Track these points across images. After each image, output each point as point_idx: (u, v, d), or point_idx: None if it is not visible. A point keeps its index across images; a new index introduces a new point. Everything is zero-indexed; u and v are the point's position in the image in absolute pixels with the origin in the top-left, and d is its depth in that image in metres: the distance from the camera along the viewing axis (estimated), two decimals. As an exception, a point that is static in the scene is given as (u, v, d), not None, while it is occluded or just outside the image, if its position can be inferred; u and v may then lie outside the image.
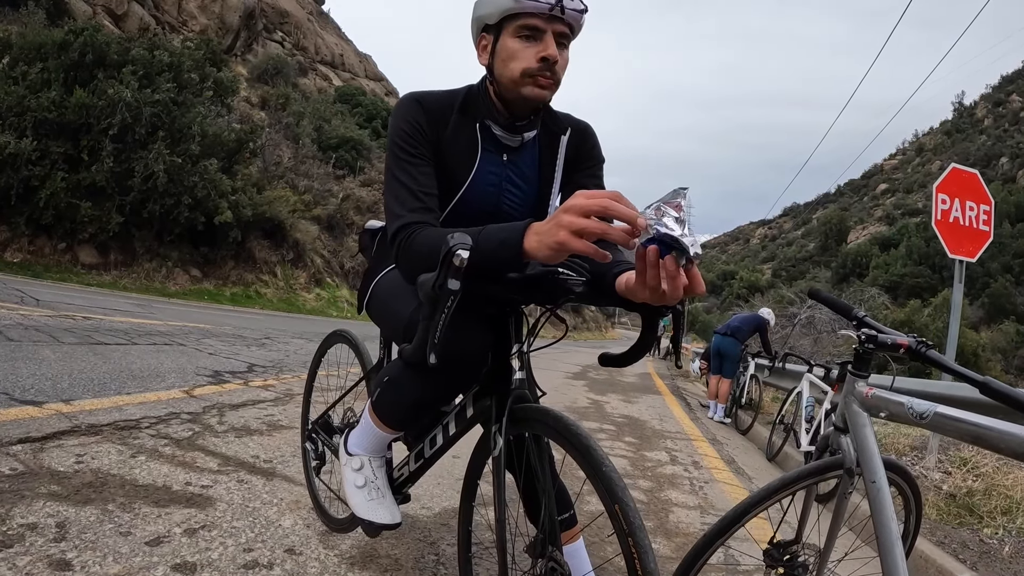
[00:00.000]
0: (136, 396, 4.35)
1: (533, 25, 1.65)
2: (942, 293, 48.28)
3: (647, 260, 1.23)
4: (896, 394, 1.97)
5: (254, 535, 2.53)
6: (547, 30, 1.66)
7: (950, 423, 1.81)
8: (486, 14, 1.71)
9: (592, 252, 1.28)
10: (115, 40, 16.58)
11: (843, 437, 2.08)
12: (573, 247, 1.27)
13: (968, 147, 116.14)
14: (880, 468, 1.88)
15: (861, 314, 2.14)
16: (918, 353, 1.97)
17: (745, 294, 54.16)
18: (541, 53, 1.66)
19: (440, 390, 1.84)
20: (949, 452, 5.62)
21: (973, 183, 6.25)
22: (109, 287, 14.72)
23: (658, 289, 1.25)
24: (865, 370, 2.09)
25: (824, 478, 2.09)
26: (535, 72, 1.67)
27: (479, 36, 1.79)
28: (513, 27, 1.67)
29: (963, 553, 3.96)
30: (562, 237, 1.27)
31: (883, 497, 1.83)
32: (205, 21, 34.69)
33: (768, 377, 10.57)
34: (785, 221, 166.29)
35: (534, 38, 1.67)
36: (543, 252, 1.33)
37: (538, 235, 1.34)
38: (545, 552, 1.66)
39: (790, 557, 2.21)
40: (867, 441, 1.95)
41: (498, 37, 1.71)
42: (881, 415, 1.99)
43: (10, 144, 13.22)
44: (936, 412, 1.82)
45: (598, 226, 1.24)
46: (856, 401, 2.05)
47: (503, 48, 1.70)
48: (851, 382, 2.10)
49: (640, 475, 5.01)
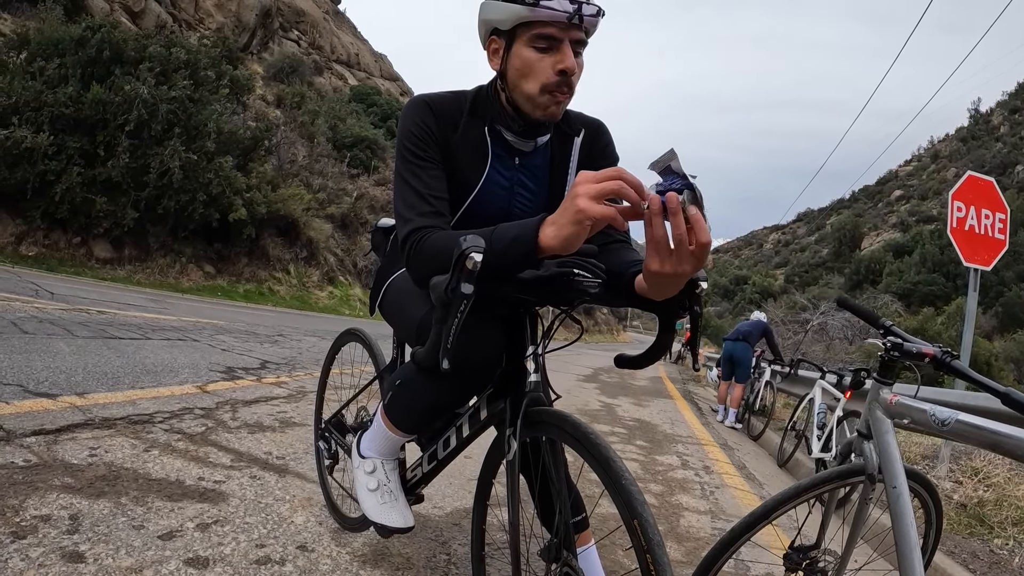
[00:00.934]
0: (149, 391, 4.37)
1: (549, 34, 1.59)
2: (956, 301, 47.95)
3: (669, 207, 1.19)
4: (919, 401, 1.97)
5: (267, 531, 2.53)
6: (564, 39, 1.60)
7: (971, 431, 1.81)
8: (497, 19, 1.64)
9: (613, 218, 1.25)
10: (132, 37, 16.67)
11: (866, 443, 2.08)
12: (595, 213, 1.24)
13: (984, 154, 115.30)
14: (901, 474, 1.88)
15: (888, 323, 2.13)
16: (942, 363, 1.96)
17: (757, 299, 54.05)
18: (560, 65, 1.61)
19: (453, 394, 1.82)
20: (960, 462, 5.59)
21: (989, 191, 6.21)
22: (123, 282, 14.78)
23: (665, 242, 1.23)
24: (890, 377, 2.10)
25: (846, 483, 2.09)
26: (553, 87, 1.64)
27: (488, 39, 1.73)
28: (528, 36, 1.61)
29: (973, 563, 3.94)
30: (583, 206, 1.24)
31: (903, 503, 1.83)
32: (222, 19, 34.82)
33: (780, 383, 10.54)
34: (799, 226, 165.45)
35: (551, 48, 1.61)
36: (562, 235, 1.30)
37: (554, 223, 1.32)
38: (560, 557, 1.65)
39: (810, 562, 2.21)
40: (889, 447, 1.95)
41: (511, 44, 1.66)
42: (904, 422, 1.99)
43: (27, 139, 13.28)
44: (958, 420, 1.82)
45: (613, 184, 1.23)
46: (880, 408, 2.05)
47: (517, 58, 1.65)
48: (875, 388, 2.10)
49: (651, 479, 5.00)
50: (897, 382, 2.14)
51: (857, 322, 23.70)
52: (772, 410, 9.93)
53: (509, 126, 1.78)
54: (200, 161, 15.91)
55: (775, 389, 10.23)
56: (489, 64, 1.75)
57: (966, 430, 1.82)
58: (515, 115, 1.76)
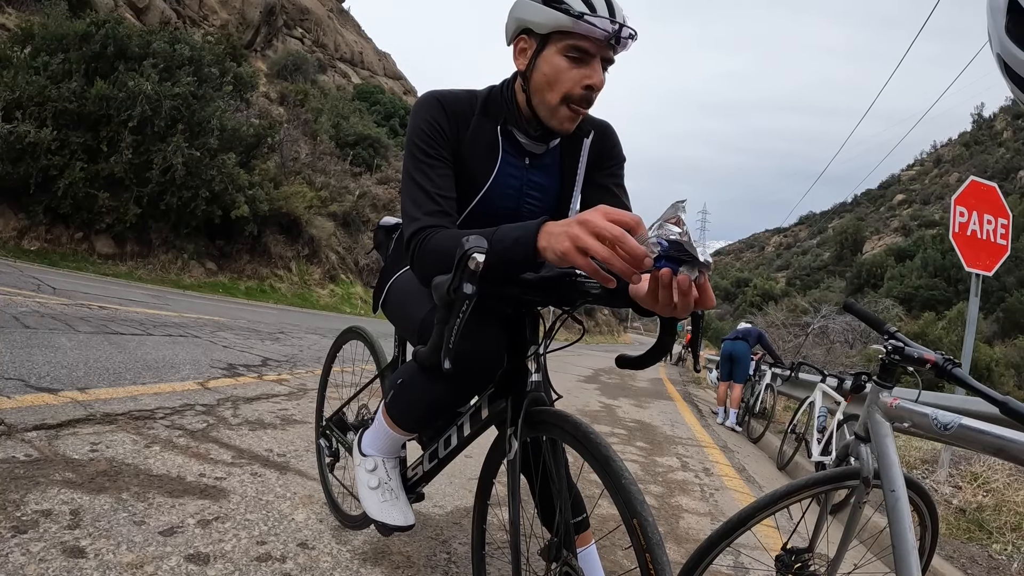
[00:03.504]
0: (151, 386, 4.37)
1: (584, 48, 1.60)
2: (957, 306, 47.92)
3: (660, 282, 1.20)
4: (921, 405, 1.96)
5: (267, 528, 2.54)
6: (597, 55, 1.61)
7: (974, 435, 1.80)
8: (533, 21, 1.63)
9: (591, 271, 1.25)
10: (136, 33, 16.67)
11: (863, 446, 2.08)
12: (575, 262, 1.24)
13: (986, 159, 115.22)
14: (900, 477, 1.88)
15: (893, 329, 2.14)
16: (943, 370, 1.97)
17: (759, 302, 53.97)
18: (587, 80, 1.62)
19: (455, 393, 1.82)
20: (960, 466, 5.59)
21: (991, 196, 6.21)
22: (125, 277, 14.79)
23: (670, 306, 1.23)
24: (890, 381, 2.09)
25: (840, 486, 2.08)
26: (576, 99, 1.64)
27: (517, 37, 1.72)
28: (563, 44, 1.61)
29: (972, 568, 3.94)
30: (566, 248, 1.25)
31: (901, 507, 1.83)
32: (226, 16, 34.84)
33: (781, 386, 10.55)
34: (801, 229, 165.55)
35: (582, 61, 1.61)
36: (550, 254, 1.31)
37: (549, 236, 1.32)
38: (560, 556, 1.65)
39: (801, 565, 2.21)
40: (888, 451, 1.95)
41: (542, 48, 1.65)
42: (905, 425, 1.99)
43: (30, 133, 13.29)
44: (960, 424, 1.82)
45: (604, 252, 1.19)
46: (879, 411, 2.05)
47: (547, 63, 1.64)
48: (875, 392, 2.10)
49: (651, 480, 5.00)
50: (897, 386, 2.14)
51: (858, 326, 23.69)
52: (772, 413, 9.94)
53: (523, 129, 1.79)
54: (203, 158, 15.92)
55: (776, 392, 10.23)
56: (514, 62, 1.74)
57: (969, 435, 1.81)
58: (532, 118, 1.76)
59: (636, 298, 1.41)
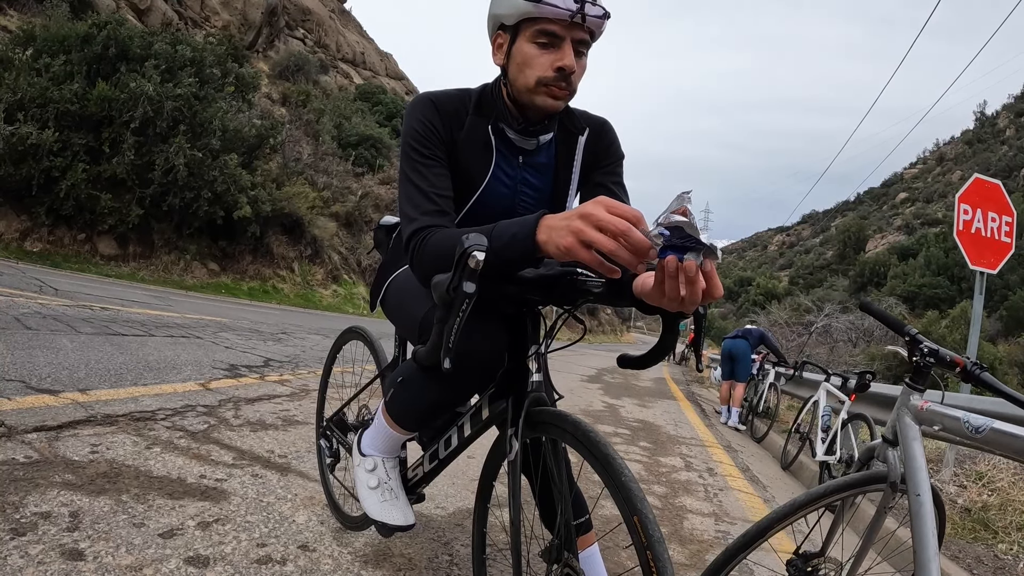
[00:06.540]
0: (152, 387, 4.36)
1: (551, 31, 1.59)
2: (960, 305, 47.80)
3: (666, 271, 1.17)
4: (952, 408, 1.94)
5: (268, 530, 2.52)
6: (566, 37, 1.60)
7: (1007, 439, 1.78)
8: (503, 13, 1.65)
9: (596, 264, 1.23)
10: (138, 34, 16.67)
11: (890, 450, 2.03)
12: (579, 256, 1.22)
13: (989, 157, 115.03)
14: (926, 481, 1.83)
15: (913, 331, 2.12)
16: (971, 374, 1.97)
17: (762, 301, 53.96)
18: (557, 63, 1.61)
19: (454, 392, 1.81)
20: (965, 466, 5.57)
21: (996, 194, 6.18)
22: (127, 278, 14.80)
23: (677, 298, 1.20)
24: (922, 383, 2.07)
25: (866, 490, 2.04)
26: (550, 82, 1.63)
27: (495, 34, 1.73)
28: (530, 31, 1.62)
29: (977, 568, 3.92)
30: (570, 242, 1.23)
31: (926, 512, 1.78)
32: (227, 17, 34.89)
33: (785, 385, 10.52)
34: (803, 228, 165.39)
35: (552, 45, 1.61)
36: (551, 248, 1.29)
37: (549, 230, 1.30)
38: (561, 558, 1.64)
39: (811, 570, 2.19)
40: (915, 454, 1.91)
41: (514, 39, 1.66)
42: (934, 428, 1.96)
43: (32, 135, 13.31)
44: (992, 428, 1.79)
45: (609, 243, 1.17)
46: (909, 414, 2.02)
47: (518, 52, 1.65)
48: (906, 394, 2.06)
49: (655, 480, 4.98)
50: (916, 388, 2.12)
51: (861, 325, 23.67)
52: (776, 412, 9.91)
53: (511, 124, 1.78)
54: (205, 158, 15.94)
55: (779, 391, 10.21)
56: (493, 59, 1.75)
57: (1001, 439, 1.79)
58: (517, 112, 1.76)
59: (642, 295, 1.38)
